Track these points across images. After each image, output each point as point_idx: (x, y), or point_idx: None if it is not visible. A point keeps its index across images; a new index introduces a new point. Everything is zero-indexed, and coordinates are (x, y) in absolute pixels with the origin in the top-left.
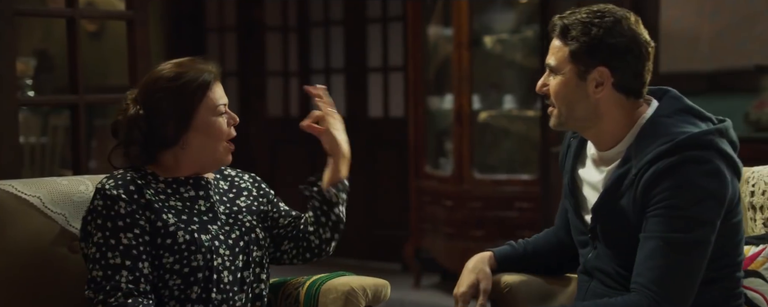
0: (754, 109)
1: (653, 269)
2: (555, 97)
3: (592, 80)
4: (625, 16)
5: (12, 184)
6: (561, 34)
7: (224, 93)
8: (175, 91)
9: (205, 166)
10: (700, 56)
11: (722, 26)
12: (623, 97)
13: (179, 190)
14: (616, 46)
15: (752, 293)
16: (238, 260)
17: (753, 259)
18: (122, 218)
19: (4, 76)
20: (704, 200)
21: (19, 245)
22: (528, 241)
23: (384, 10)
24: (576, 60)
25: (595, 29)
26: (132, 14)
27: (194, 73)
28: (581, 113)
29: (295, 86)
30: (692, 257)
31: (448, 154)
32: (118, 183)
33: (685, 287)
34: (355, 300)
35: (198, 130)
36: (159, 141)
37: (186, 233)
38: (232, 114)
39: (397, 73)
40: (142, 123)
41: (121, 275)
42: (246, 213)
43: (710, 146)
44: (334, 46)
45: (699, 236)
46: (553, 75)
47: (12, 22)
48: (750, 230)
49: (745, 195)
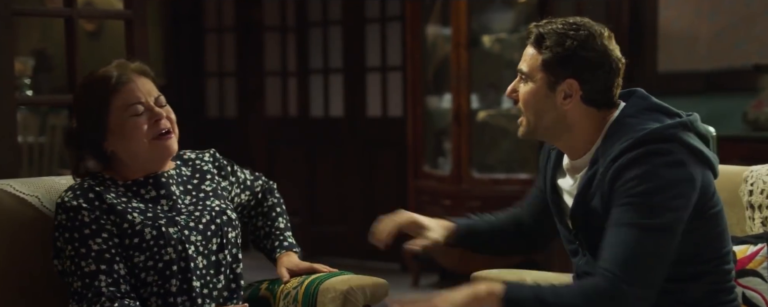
0: (752, 109)
1: (616, 253)
2: (524, 105)
3: (560, 91)
4: (599, 32)
5: (10, 183)
6: (536, 42)
7: (149, 89)
8: (86, 95)
9: (148, 165)
10: (699, 56)
11: (720, 26)
12: (592, 109)
13: (139, 192)
14: (588, 59)
15: (750, 292)
16: (210, 244)
17: (751, 258)
18: (88, 226)
19: (3, 75)
20: (667, 188)
21: (17, 244)
22: (486, 217)
23: (382, 10)
24: (547, 69)
25: (570, 41)
26: (130, 14)
27: (102, 74)
28: (549, 123)
29: (293, 86)
30: (655, 242)
31: (447, 153)
32: (77, 194)
33: (647, 270)
34: (353, 299)
35: (114, 133)
36: (89, 149)
37: (153, 229)
38: (155, 110)
39: (395, 73)
40: (74, 138)
41: (99, 280)
42: (213, 198)
43: (673, 139)
44: (332, 46)
45: (662, 222)
46: (523, 82)
47: (10, 21)
48: (748, 229)
49: (743, 194)
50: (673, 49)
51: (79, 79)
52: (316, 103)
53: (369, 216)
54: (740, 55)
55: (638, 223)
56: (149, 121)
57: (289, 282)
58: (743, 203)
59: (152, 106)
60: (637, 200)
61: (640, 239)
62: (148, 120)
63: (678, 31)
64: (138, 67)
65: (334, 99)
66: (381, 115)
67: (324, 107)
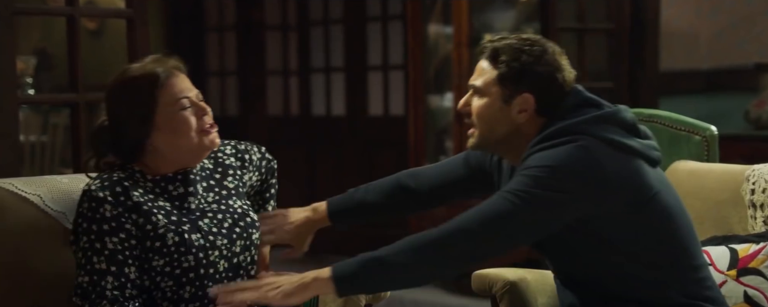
0: (753, 108)
1: (476, 209)
2: (477, 118)
3: (516, 105)
4: (552, 49)
5: (12, 182)
6: (490, 57)
7: (190, 86)
8: (130, 93)
9: (187, 160)
10: (700, 55)
11: (721, 25)
12: (544, 118)
13: (167, 188)
14: (543, 74)
15: (752, 290)
16: (235, 247)
17: (754, 256)
18: (107, 222)
19: (4, 74)
20: (557, 169)
21: (19, 244)
22: (367, 195)
23: (384, 9)
24: (503, 84)
25: (525, 56)
26: (132, 13)
27: (146, 70)
28: (501, 135)
29: (294, 85)
30: (520, 208)
31: (448, 152)
32: (104, 185)
33: (491, 230)
34: (355, 298)
35: (161, 129)
36: (127, 147)
37: (176, 235)
38: (200, 105)
39: (397, 72)
40: (105, 135)
41: (106, 282)
42: (236, 198)
43: (582, 132)
44: (333, 45)
45: (538, 194)
46: (476, 96)
47: (12, 20)
48: (750, 227)
49: (745, 193)
50: (674, 48)
51: (111, 79)
52: (317, 102)
53: None
54: (741, 54)
55: (512, 190)
56: (196, 116)
57: None
58: (745, 202)
59: (196, 100)
60: (524, 173)
61: (506, 202)
62: (195, 114)
63: (679, 30)
64: (176, 63)
65: (335, 98)
66: (382, 114)
67: (325, 106)
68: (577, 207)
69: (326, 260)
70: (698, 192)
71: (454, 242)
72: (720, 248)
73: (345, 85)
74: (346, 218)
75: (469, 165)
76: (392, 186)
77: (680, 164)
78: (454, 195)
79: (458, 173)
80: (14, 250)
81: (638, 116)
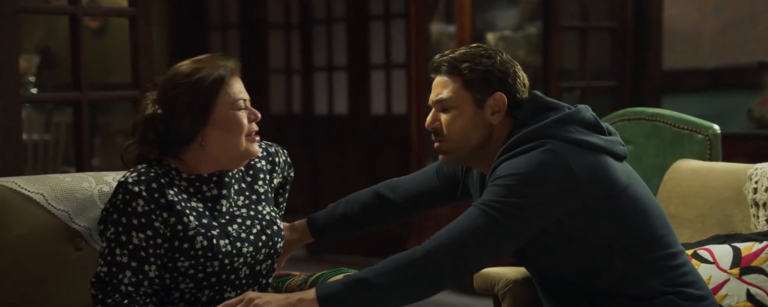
0: (757, 106)
1: (452, 224)
2: (449, 131)
3: (489, 107)
4: (499, 51)
5: (15, 181)
6: (451, 69)
7: (244, 89)
8: (191, 87)
9: (228, 162)
10: (703, 53)
11: (725, 23)
12: (511, 118)
13: (201, 188)
14: (506, 72)
15: (755, 289)
16: (259, 254)
17: (756, 255)
18: (138, 217)
19: (7, 73)
20: (527, 176)
21: (22, 242)
22: (348, 208)
23: (386, 8)
24: (471, 89)
25: (485, 59)
26: (134, 12)
27: (211, 68)
28: (476, 142)
29: (297, 84)
30: (497, 219)
31: None
32: (141, 179)
33: (470, 244)
34: None
35: (216, 125)
36: (176, 138)
37: (204, 239)
38: (252, 109)
39: (399, 71)
40: (158, 123)
41: (124, 275)
42: (265, 204)
43: (545, 136)
44: (336, 44)
45: (513, 203)
46: (443, 111)
47: (15, 19)
48: (753, 226)
49: (748, 192)
50: (677, 46)
51: (170, 71)
52: (320, 100)
53: None
54: (745, 53)
55: (486, 202)
56: (248, 119)
57: (293, 280)
58: (748, 201)
59: (249, 105)
60: (496, 183)
61: (482, 214)
62: (247, 117)
63: (682, 28)
64: (235, 66)
65: (338, 96)
66: (385, 112)
67: (328, 105)
68: (552, 210)
69: (326, 259)
70: (701, 191)
71: (435, 259)
72: (723, 247)
73: (347, 84)
74: (329, 232)
75: (441, 174)
76: (370, 198)
77: (683, 162)
78: (432, 204)
79: (431, 183)
80: (17, 248)
81: (641, 115)
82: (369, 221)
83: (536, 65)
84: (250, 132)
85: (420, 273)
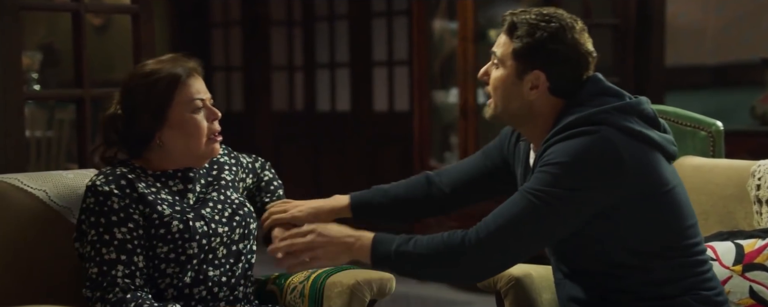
0: (759, 103)
1: (499, 211)
2: (493, 89)
3: (527, 82)
4: (571, 25)
5: (18, 177)
6: (508, 30)
7: (205, 89)
8: (148, 87)
9: (191, 161)
10: (706, 50)
11: (728, 20)
12: (559, 100)
13: (168, 183)
14: (556, 53)
15: (758, 286)
16: (234, 234)
17: (759, 252)
18: (116, 213)
19: (10, 70)
20: (578, 163)
21: (25, 239)
22: (391, 188)
23: (389, 4)
24: (517, 58)
25: (540, 32)
26: (137, 9)
27: (168, 68)
28: (515, 110)
29: (299, 81)
30: (544, 210)
31: (454, 148)
32: (109, 179)
33: (515, 237)
34: (360, 294)
35: (173, 126)
36: (135, 138)
37: (180, 223)
38: (212, 109)
39: (402, 68)
40: (118, 123)
41: (117, 270)
42: (232, 191)
43: (602, 122)
44: (338, 41)
45: (558, 193)
46: (495, 66)
47: (17, 16)
48: (756, 223)
49: (751, 189)
50: (680, 43)
51: (130, 71)
52: (322, 97)
53: None
54: (747, 49)
55: (532, 190)
56: (208, 119)
57: (295, 276)
58: (751, 198)
59: (209, 104)
60: (546, 170)
61: (530, 204)
62: (207, 117)
63: (685, 25)
64: (195, 65)
65: (340, 93)
66: (387, 109)
67: (330, 102)
68: (599, 199)
69: None
70: (704, 188)
71: (481, 248)
72: (726, 244)
73: (350, 81)
74: (367, 208)
75: (486, 155)
76: (416, 179)
77: (686, 159)
78: (476, 190)
79: (477, 164)
80: (19, 245)
81: None
82: (411, 203)
83: None
84: (213, 132)
85: (466, 259)
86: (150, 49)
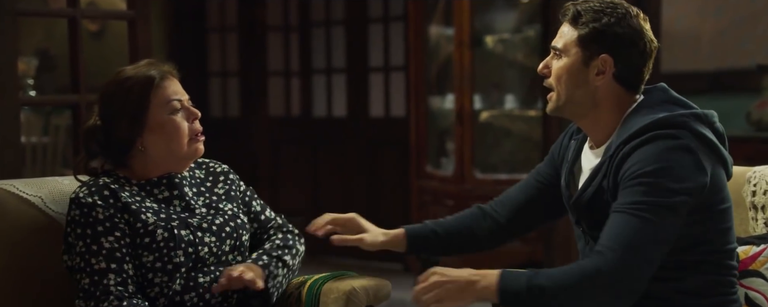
0: (755, 109)
1: (617, 233)
2: (556, 80)
3: (594, 67)
4: (635, 12)
5: (13, 183)
6: (572, 19)
7: (181, 90)
8: (124, 92)
9: (175, 165)
10: (702, 56)
11: (724, 26)
12: (621, 88)
13: (153, 191)
14: (623, 36)
15: (753, 292)
16: (224, 245)
17: (754, 258)
18: (101, 223)
19: (6, 75)
20: (673, 170)
21: (20, 245)
22: (445, 221)
23: (385, 10)
24: (583, 45)
25: (606, 18)
26: (133, 14)
27: (142, 72)
28: (579, 98)
29: (296, 86)
30: (657, 223)
31: (450, 153)
32: (92, 190)
33: (647, 250)
34: (356, 300)
35: (153, 130)
36: (116, 147)
37: (165, 231)
38: (191, 109)
39: (398, 73)
40: (98, 133)
41: (108, 279)
42: (226, 201)
43: (682, 126)
44: (335, 46)
45: (667, 202)
46: (556, 58)
47: (14, 21)
48: (751, 229)
49: (746, 195)
50: (676, 48)
51: (106, 80)
52: (318, 103)
53: (372, 216)
54: (744, 55)
55: (641, 203)
56: (187, 120)
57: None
58: (746, 204)
59: (187, 104)
60: (643, 181)
61: (642, 219)
62: (186, 118)
63: (681, 30)
64: (170, 68)
65: (336, 99)
66: (384, 115)
67: (327, 107)
68: (690, 202)
69: (326, 262)
70: None
71: (617, 269)
72: None
73: (346, 87)
74: (422, 241)
75: (539, 172)
76: (470, 212)
77: None
78: (535, 213)
79: (530, 183)
80: (14, 251)
81: None
82: (465, 232)
83: (535, 68)
84: (194, 132)
85: (609, 286)
86: (146, 54)
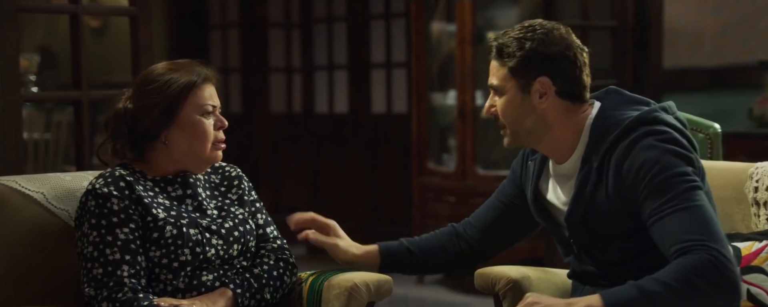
0: (757, 105)
1: (688, 228)
2: (504, 117)
3: (535, 92)
4: (555, 27)
5: (16, 180)
6: (498, 55)
7: (216, 97)
8: (162, 86)
9: (192, 165)
10: (704, 52)
11: (725, 22)
12: (568, 102)
13: (167, 189)
14: (552, 55)
15: (755, 288)
16: (232, 250)
17: (756, 254)
18: (116, 215)
19: (8, 72)
20: (677, 161)
21: (22, 241)
22: (420, 240)
23: (387, 7)
24: (516, 75)
25: (529, 43)
26: (135, 10)
27: (184, 71)
28: (531, 126)
29: (298, 83)
30: (699, 204)
31: (451, 150)
32: (108, 181)
33: (715, 229)
34: (358, 296)
35: (181, 126)
36: (142, 134)
37: (174, 228)
38: (220, 117)
39: (400, 70)
40: (128, 117)
41: (122, 270)
42: (238, 206)
43: (658, 121)
44: (337, 43)
45: (690, 186)
46: (497, 96)
47: (15, 18)
48: (754, 225)
49: (748, 191)
50: (678, 45)
51: (148, 69)
52: (320, 99)
53: (373, 212)
54: (745, 52)
55: (675, 198)
56: (215, 126)
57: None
58: (748, 200)
59: (218, 113)
60: (661, 183)
61: (687, 208)
62: (214, 124)
63: (683, 27)
64: (211, 73)
65: (338, 96)
66: (385, 111)
67: (328, 104)
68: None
69: (326, 260)
70: None
71: (722, 257)
72: None
73: (348, 83)
74: (395, 259)
75: (501, 192)
76: (445, 230)
77: None
78: (507, 229)
79: (494, 204)
80: (17, 247)
81: None
82: (440, 253)
83: None
84: (218, 139)
85: (726, 278)
86: (148, 51)
